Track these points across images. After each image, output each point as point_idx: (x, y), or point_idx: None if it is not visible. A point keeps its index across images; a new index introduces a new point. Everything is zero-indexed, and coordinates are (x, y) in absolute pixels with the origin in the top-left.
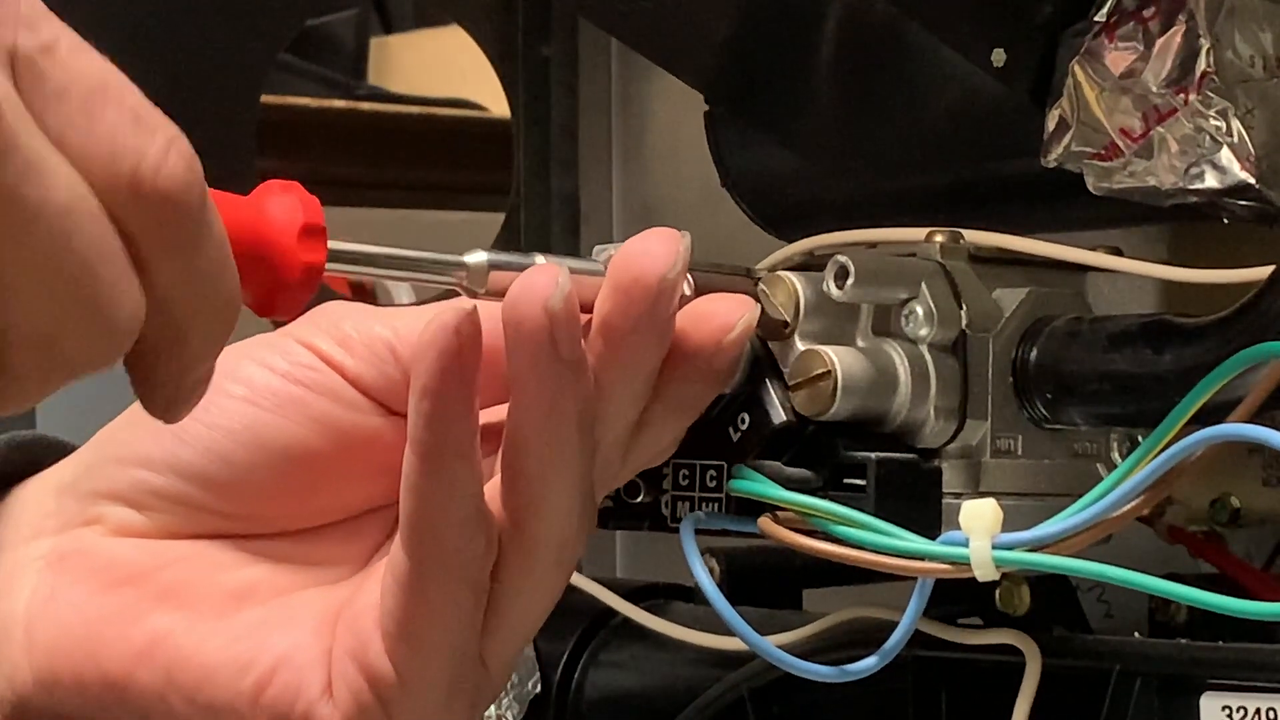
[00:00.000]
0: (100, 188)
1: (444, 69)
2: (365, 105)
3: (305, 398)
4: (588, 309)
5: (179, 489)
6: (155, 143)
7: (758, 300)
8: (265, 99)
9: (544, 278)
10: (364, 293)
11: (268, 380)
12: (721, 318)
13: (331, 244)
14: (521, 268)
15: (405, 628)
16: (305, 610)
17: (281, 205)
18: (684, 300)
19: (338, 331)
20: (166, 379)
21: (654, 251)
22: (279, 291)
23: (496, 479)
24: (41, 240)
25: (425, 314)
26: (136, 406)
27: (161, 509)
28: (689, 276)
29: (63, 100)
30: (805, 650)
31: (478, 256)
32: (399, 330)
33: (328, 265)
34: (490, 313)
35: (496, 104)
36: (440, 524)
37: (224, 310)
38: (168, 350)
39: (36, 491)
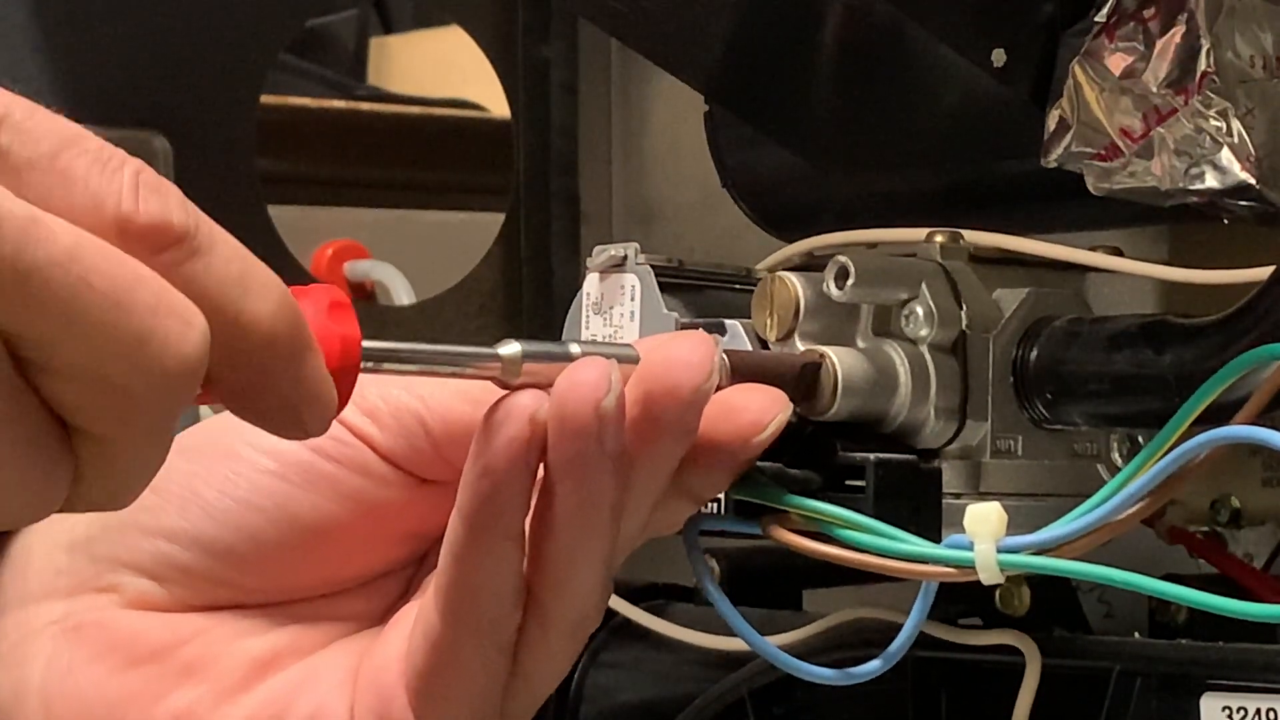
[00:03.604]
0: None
1: (444, 69)
2: (365, 105)
3: (336, 474)
4: None
5: (203, 564)
6: (123, 181)
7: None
8: (265, 99)
9: (595, 375)
10: (363, 291)
11: (298, 454)
12: (753, 414)
13: (365, 344)
14: (555, 357)
15: (434, 687)
16: (328, 668)
17: (320, 330)
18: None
19: (364, 401)
20: (281, 386)
21: (690, 361)
22: None
23: None
24: (64, 294)
25: (451, 383)
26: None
27: (182, 583)
28: (724, 357)
29: (33, 168)
30: (806, 651)
31: (511, 348)
32: (427, 400)
33: (362, 365)
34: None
35: (496, 104)
36: (481, 594)
37: (271, 296)
38: (254, 357)
39: (44, 542)
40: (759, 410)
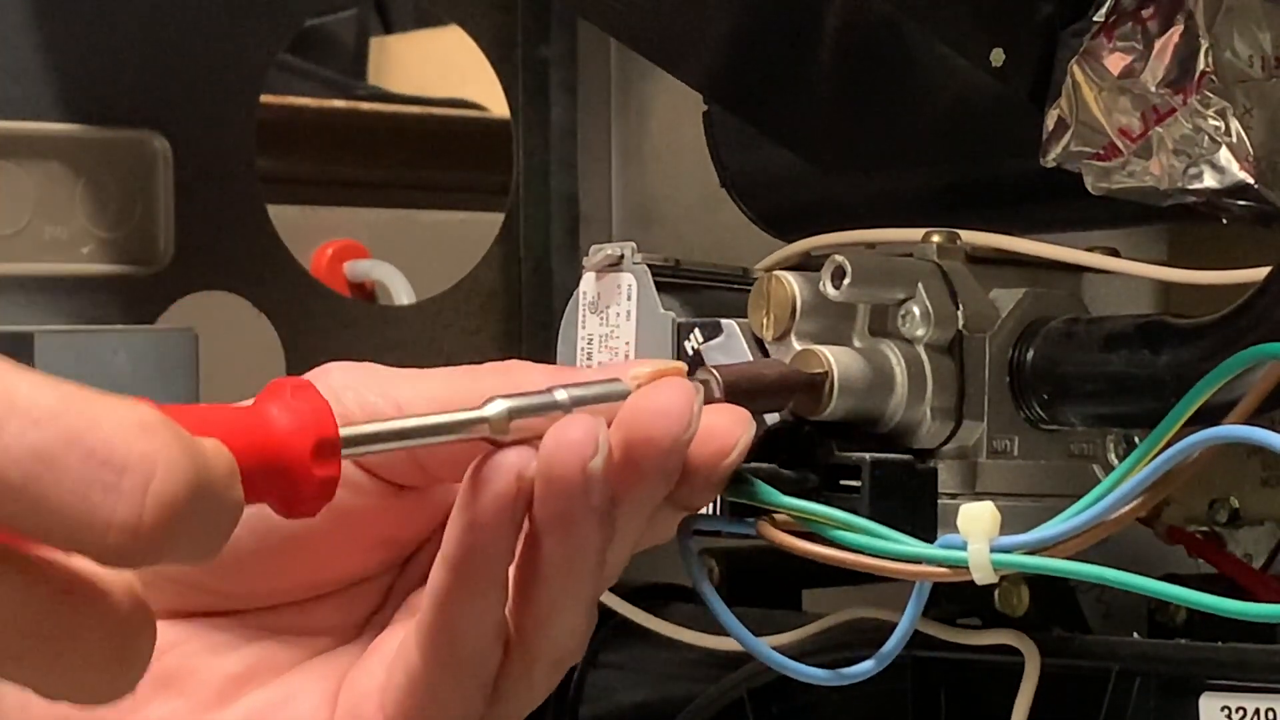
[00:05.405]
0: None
1: (444, 69)
2: (365, 105)
3: None
4: None
5: (179, 569)
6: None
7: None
8: (265, 99)
9: (582, 434)
10: (363, 291)
11: None
12: (720, 440)
13: (345, 431)
14: (542, 410)
15: None
16: (306, 689)
17: (291, 417)
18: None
19: (339, 406)
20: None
21: (669, 411)
22: (295, 504)
23: None
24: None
25: (428, 383)
26: None
27: (158, 587)
28: (717, 376)
29: None
30: (803, 651)
31: (497, 408)
32: (402, 407)
33: (344, 452)
34: None
35: (496, 104)
36: (464, 637)
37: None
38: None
39: None
40: (724, 435)
